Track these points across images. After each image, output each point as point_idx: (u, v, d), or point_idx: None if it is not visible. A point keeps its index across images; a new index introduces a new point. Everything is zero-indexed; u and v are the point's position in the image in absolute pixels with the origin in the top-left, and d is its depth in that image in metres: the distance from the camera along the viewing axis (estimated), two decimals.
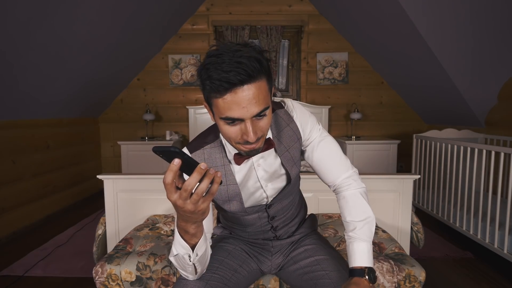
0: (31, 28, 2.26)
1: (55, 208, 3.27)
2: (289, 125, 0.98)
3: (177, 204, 0.66)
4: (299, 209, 1.14)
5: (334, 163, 1.00)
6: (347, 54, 4.15)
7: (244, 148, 0.83)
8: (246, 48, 0.76)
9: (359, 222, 0.94)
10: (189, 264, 0.83)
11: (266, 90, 0.79)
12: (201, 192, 0.64)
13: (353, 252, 0.92)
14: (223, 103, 0.75)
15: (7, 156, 2.68)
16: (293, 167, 1.00)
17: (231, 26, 3.99)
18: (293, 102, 1.01)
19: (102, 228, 1.71)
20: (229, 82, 0.73)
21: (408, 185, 1.74)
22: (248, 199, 0.99)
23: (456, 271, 2.10)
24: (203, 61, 0.77)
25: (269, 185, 0.99)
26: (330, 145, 1.01)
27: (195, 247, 0.80)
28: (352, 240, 0.94)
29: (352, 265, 0.92)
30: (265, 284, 1.19)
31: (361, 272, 0.89)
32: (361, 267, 0.90)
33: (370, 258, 0.92)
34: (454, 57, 2.81)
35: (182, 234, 0.78)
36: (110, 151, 4.31)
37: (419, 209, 3.19)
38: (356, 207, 0.96)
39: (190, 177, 0.62)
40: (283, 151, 0.97)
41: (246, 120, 0.77)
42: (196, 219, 0.71)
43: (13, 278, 2.02)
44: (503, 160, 2.07)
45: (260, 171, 0.97)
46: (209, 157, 0.94)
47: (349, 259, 0.93)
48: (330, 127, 4.24)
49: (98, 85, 3.62)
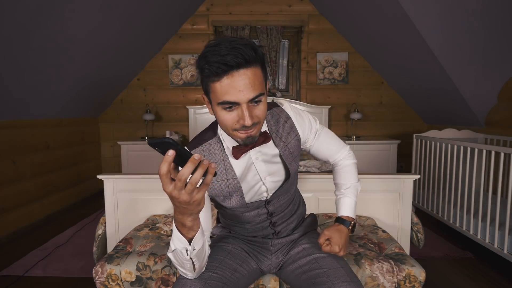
0: (31, 28, 2.26)
1: (55, 208, 3.27)
2: (287, 122, 1.04)
3: (173, 195, 0.67)
4: (297, 206, 1.17)
5: (332, 146, 1.16)
6: (347, 54, 4.15)
7: (240, 135, 0.86)
8: (242, 39, 0.82)
9: (350, 184, 1.14)
10: (186, 259, 0.84)
11: (261, 77, 0.84)
12: (195, 182, 0.66)
13: (343, 204, 1.11)
14: (220, 87, 0.79)
15: (7, 156, 2.68)
16: (292, 163, 1.05)
17: (231, 26, 3.99)
18: (289, 103, 1.09)
19: (102, 228, 1.71)
20: (227, 64, 0.77)
21: (408, 185, 1.74)
22: (248, 192, 1.02)
23: (456, 271, 2.10)
24: (202, 52, 0.81)
25: (268, 178, 1.02)
26: (328, 133, 1.16)
27: (192, 240, 0.81)
28: (343, 196, 1.13)
29: (341, 214, 1.10)
30: (265, 284, 1.18)
31: (348, 222, 1.07)
32: (349, 218, 1.08)
33: (355, 213, 1.12)
34: (454, 57, 2.81)
35: (179, 228, 0.80)
36: (110, 151, 4.31)
37: (419, 209, 3.19)
38: (349, 173, 1.15)
39: (184, 167, 0.64)
40: (283, 145, 1.02)
41: (242, 104, 0.81)
42: (192, 211, 0.73)
43: (13, 278, 2.02)
44: (503, 160, 2.07)
45: (259, 164, 1.00)
46: (208, 153, 0.98)
47: (339, 209, 1.12)
48: (330, 127, 4.24)
49: (98, 85, 3.62)
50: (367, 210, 1.76)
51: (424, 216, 3.00)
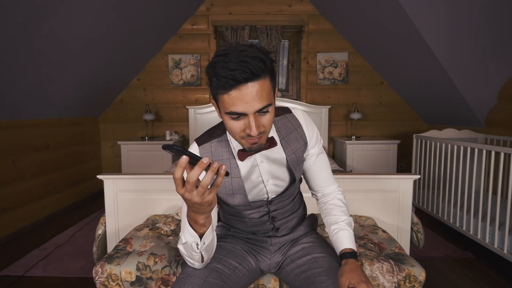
0: (31, 28, 2.26)
1: (55, 208, 3.27)
2: (297, 129, 1.06)
3: (185, 197, 0.72)
4: (298, 205, 1.18)
5: (327, 175, 1.13)
6: (347, 54, 4.15)
7: (247, 143, 0.88)
8: (252, 48, 0.82)
9: (344, 217, 1.07)
10: (196, 252, 0.88)
11: (269, 88, 0.85)
12: (205, 185, 0.70)
13: (342, 238, 1.02)
14: (228, 98, 0.81)
15: (7, 156, 2.68)
16: (297, 169, 1.07)
17: (231, 26, 3.99)
18: (302, 112, 1.10)
19: (102, 228, 1.71)
20: (235, 79, 0.78)
21: (408, 185, 1.74)
22: (250, 192, 1.04)
23: (456, 271, 2.10)
24: (211, 60, 0.83)
25: (270, 181, 1.04)
26: (326, 159, 1.14)
27: (203, 236, 0.85)
28: (340, 229, 1.04)
29: (344, 247, 1.00)
30: (265, 284, 1.19)
31: (354, 254, 0.98)
32: (352, 250, 0.99)
33: (355, 246, 1.03)
34: (454, 57, 2.81)
35: (192, 224, 0.84)
36: (110, 151, 4.31)
37: (419, 209, 3.19)
38: (341, 208, 1.09)
39: (193, 170, 0.68)
40: (290, 152, 1.04)
41: (249, 115, 0.83)
42: (205, 210, 0.78)
43: (13, 278, 2.02)
44: (503, 160, 2.07)
45: (263, 167, 1.02)
46: (215, 150, 1.01)
47: (339, 243, 1.01)
48: (330, 127, 4.24)
49: (98, 85, 3.62)
50: (367, 210, 1.75)
51: (424, 216, 3.00)
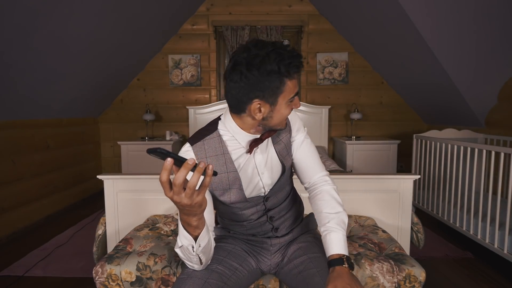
0: (31, 29, 2.26)
1: (55, 208, 3.27)
2: None
3: (174, 200, 0.71)
4: (293, 202, 1.19)
5: (314, 162, 1.12)
6: (347, 54, 4.15)
7: None
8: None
9: (334, 214, 1.02)
10: (193, 254, 0.88)
11: None
12: (193, 186, 0.68)
13: (330, 242, 0.97)
14: (291, 83, 0.92)
15: (7, 156, 2.68)
16: (286, 157, 1.09)
17: (231, 26, 3.99)
18: None
19: (102, 228, 1.71)
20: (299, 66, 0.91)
21: (408, 185, 1.74)
22: (247, 186, 1.04)
23: (456, 271, 2.10)
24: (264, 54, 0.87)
25: (265, 172, 1.05)
26: (311, 146, 1.13)
27: (198, 238, 0.85)
28: (329, 231, 0.99)
29: (330, 253, 0.96)
30: (265, 284, 1.19)
31: (341, 260, 0.94)
32: (339, 255, 0.95)
33: (346, 247, 0.98)
34: (454, 57, 2.81)
35: (185, 227, 0.83)
36: (110, 151, 4.31)
37: (419, 209, 3.19)
38: (331, 201, 1.05)
39: (178, 172, 0.67)
40: (279, 142, 1.07)
41: None
42: (196, 212, 0.76)
43: (13, 278, 2.02)
44: (503, 160, 2.07)
45: (257, 158, 1.04)
46: (209, 147, 1.01)
47: (327, 249, 0.98)
48: (330, 127, 4.24)
49: (98, 85, 3.61)
50: (367, 210, 1.76)
51: (424, 216, 3.00)
